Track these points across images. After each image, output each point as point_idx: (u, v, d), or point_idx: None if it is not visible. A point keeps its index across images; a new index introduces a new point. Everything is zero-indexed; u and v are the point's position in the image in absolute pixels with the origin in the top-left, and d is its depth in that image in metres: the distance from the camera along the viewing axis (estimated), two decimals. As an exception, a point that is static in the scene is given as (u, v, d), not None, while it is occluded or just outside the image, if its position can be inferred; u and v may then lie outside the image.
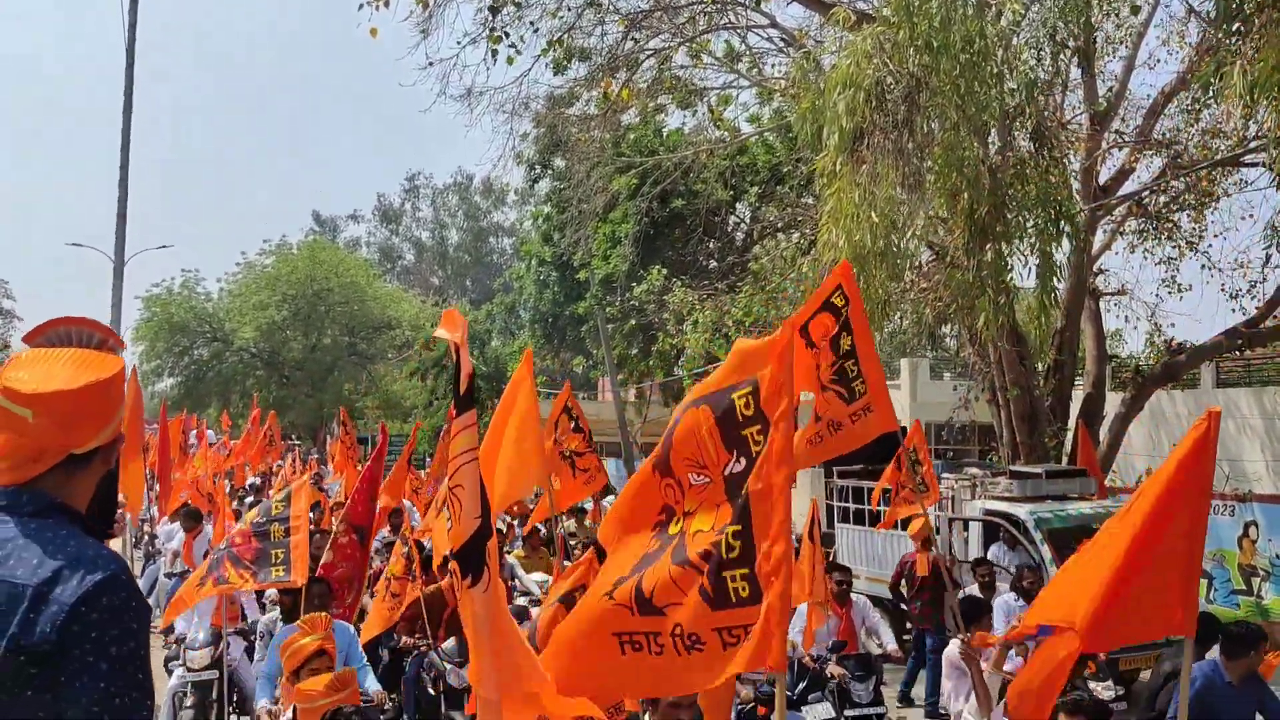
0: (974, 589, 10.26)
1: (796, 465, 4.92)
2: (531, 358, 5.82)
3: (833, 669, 8.68)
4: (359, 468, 16.92)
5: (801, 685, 8.71)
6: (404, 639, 9.21)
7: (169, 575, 13.08)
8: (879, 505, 13.02)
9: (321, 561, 8.37)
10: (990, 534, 12.26)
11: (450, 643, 8.69)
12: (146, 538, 15.46)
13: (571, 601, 5.02)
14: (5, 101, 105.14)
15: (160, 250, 46.21)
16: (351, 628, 7.74)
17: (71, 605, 2.16)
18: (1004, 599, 9.46)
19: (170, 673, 9.21)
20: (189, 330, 42.64)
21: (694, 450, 3.82)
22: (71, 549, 2.24)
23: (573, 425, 10.23)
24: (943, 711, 8.94)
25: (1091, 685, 7.20)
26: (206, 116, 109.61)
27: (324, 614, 5.72)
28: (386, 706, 8.16)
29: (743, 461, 3.66)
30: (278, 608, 8.59)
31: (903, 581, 12.27)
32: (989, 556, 11.76)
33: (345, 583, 8.36)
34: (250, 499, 16.41)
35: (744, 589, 3.44)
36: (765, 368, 3.80)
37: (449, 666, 8.50)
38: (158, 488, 18.79)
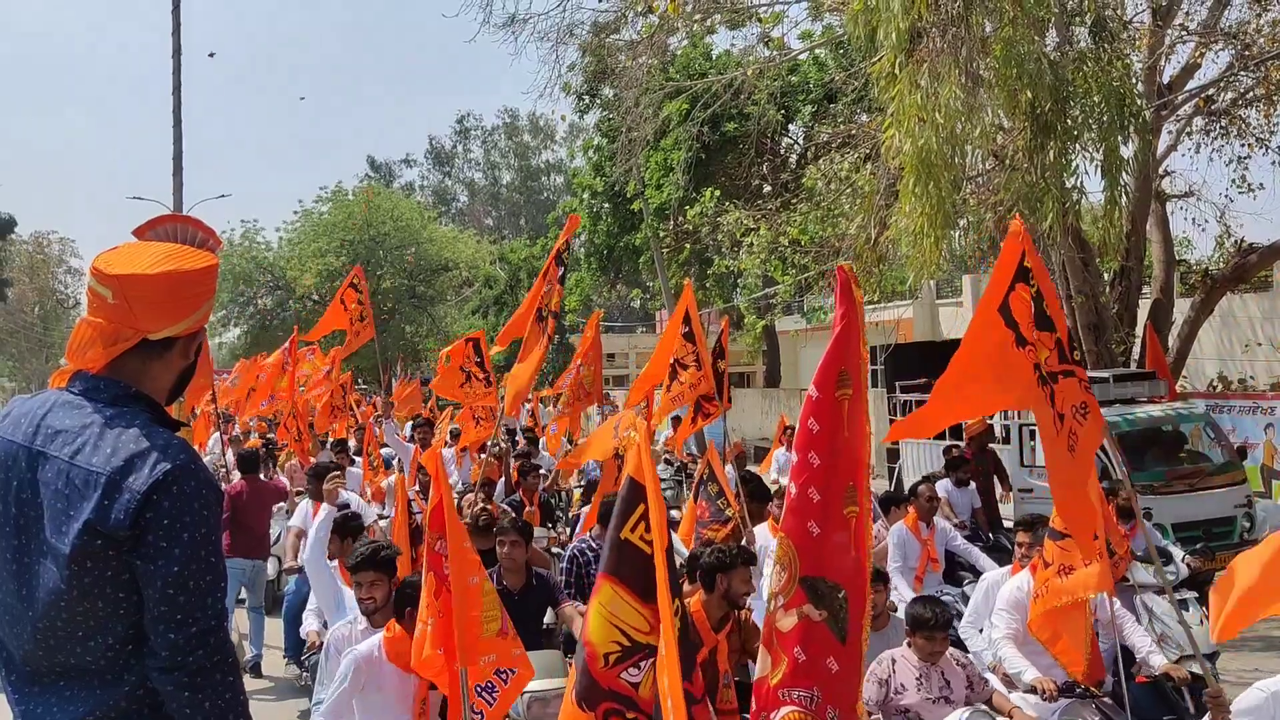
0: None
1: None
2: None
3: None
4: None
5: None
6: None
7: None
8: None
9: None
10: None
11: None
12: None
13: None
14: (60, 61, 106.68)
15: (219, 200, 47.07)
16: None
17: (144, 493, 2.25)
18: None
19: None
20: (251, 280, 43.30)
21: None
22: (144, 438, 2.32)
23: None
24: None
25: None
26: (255, 73, 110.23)
27: None
28: None
29: None
30: None
31: None
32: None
33: None
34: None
35: None
36: None
37: None
38: (237, 429, 19.21)
